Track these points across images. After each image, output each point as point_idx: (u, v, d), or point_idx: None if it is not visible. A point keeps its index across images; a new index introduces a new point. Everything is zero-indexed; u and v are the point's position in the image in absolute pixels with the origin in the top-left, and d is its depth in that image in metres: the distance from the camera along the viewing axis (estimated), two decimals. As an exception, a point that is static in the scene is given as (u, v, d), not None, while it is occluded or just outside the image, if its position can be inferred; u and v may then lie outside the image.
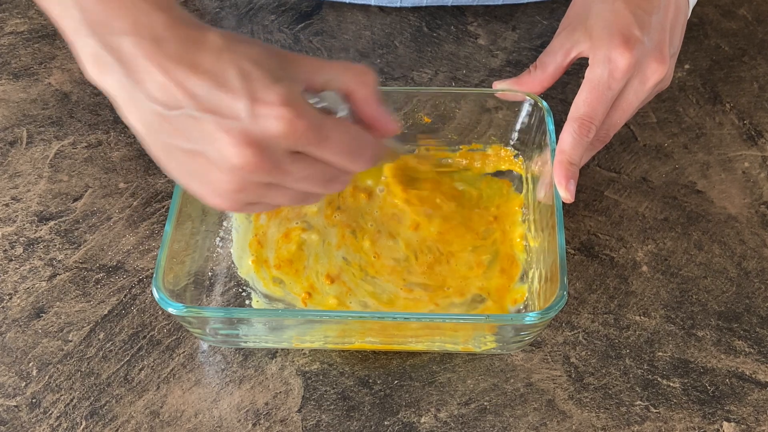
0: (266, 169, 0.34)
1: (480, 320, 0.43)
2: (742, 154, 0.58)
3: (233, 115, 0.32)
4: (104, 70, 0.34)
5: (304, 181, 0.36)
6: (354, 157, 0.36)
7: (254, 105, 0.32)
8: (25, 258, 0.51)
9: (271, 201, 0.37)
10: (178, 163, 0.35)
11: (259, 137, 0.33)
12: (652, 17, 0.47)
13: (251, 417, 0.44)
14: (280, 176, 0.35)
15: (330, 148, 0.35)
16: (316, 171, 0.35)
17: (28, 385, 0.45)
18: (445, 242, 0.50)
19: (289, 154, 0.34)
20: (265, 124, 0.32)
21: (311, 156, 0.35)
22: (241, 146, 0.32)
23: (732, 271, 0.51)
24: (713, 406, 0.45)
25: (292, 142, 0.33)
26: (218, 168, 0.34)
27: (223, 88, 0.32)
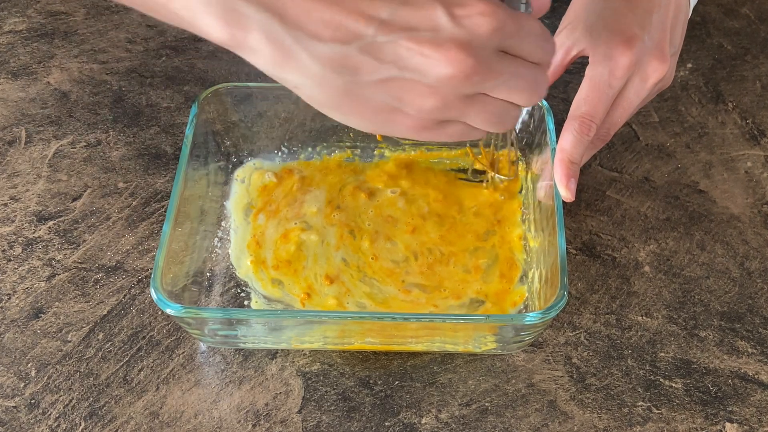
0: (482, 72, 0.32)
1: (480, 320, 0.43)
2: (744, 154, 0.57)
3: (432, 27, 0.31)
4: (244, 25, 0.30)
5: (512, 83, 0.34)
6: (544, 47, 0.34)
7: (452, 9, 0.31)
8: (24, 258, 0.51)
9: (470, 118, 0.34)
10: (363, 101, 0.33)
11: (470, 39, 0.31)
12: (653, 16, 0.47)
13: (251, 418, 0.44)
14: (492, 78, 0.33)
15: (527, 37, 0.33)
16: (521, 68, 0.34)
17: (26, 386, 0.45)
18: (445, 244, 0.50)
19: (496, 54, 0.33)
20: (472, 25, 0.31)
21: (512, 52, 0.33)
22: (454, 52, 0.31)
23: (734, 271, 0.51)
24: (716, 407, 0.45)
25: (497, 38, 0.32)
26: (420, 86, 0.32)
27: (407, 3, 0.30)
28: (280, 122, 0.53)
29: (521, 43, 0.33)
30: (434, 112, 0.33)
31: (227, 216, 0.52)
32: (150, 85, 0.61)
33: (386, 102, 0.33)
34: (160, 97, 0.60)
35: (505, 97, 0.34)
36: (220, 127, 0.52)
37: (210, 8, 0.31)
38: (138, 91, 0.61)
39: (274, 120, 0.53)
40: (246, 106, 0.52)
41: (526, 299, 0.48)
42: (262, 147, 0.54)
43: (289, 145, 0.55)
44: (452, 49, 0.31)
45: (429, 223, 0.51)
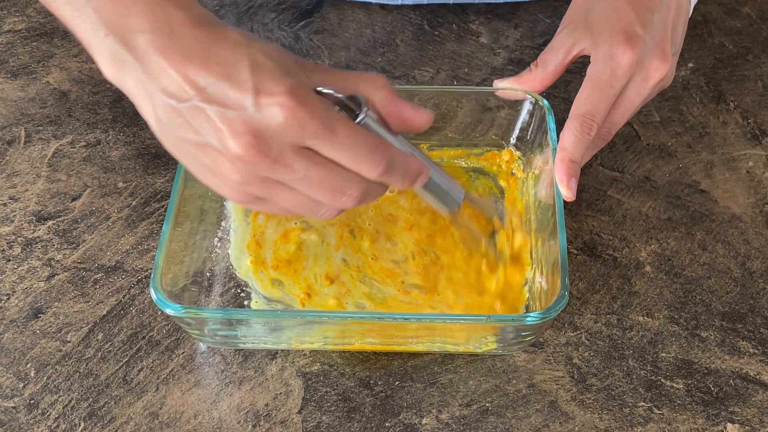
0: (266, 163, 0.33)
1: (481, 321, 0.43)
2: (746, 154, 0.57)
3: (237, 106, 0.32)
4: (122, 68, 0.35)
5: (309, 183, 0.34)
6: (366, 159, 0.34)
7: (258, 95, 0.32)
8: (23, 258, 0.51)
9: (279, 202, 0.36)
10: (192, 157, 0.35)
11: (260, 127, 0.32)
12: (654, 15, 0.47)
13: (251, 418, 0.44)
14: (282, 172, 0.34)
15: (338, 144, 0.33)
16: (322, 172, 0.34)
17: (26, 386, 0.45)
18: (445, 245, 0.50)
19: (293, 149, 0.33)
20: (266, 113, 0.32)
21: (319, 154, 0.34)
22: (241, 136, 0.32)
23: (736, 271, 0.51)
24: (717, 408, 0.45)
25: (294, 133, 0.33)
26: (225, 159, 0.34)
27: (231, 79, 0.32)
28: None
29: (329, 148, 0.33)
30: (241, 185, 0.35)
31: (227, 216, 0.52)
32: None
33: (207, 164, 0.35)
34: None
35: (306, 192, 0.35)
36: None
37: (100, 48, 0.35)
38: (138, 91, 0.61)
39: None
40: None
41: (527, 299, 0.47)
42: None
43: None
44: (240, 133, 0.32)
45: (425, 220, 0.51)
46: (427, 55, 0.63)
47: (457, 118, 0.53)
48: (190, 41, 0.33)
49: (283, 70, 0.33)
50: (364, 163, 0.34)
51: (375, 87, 0.37)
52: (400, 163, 0.36)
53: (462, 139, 0.54)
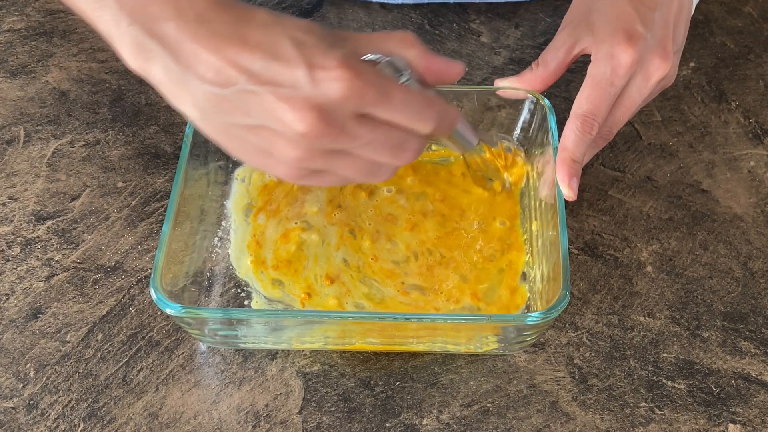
0: (332, 135, 0.33)
1: (482, 321, 0.42)
2: (747, 153, 0.57)
3: (292, 84, 0.32)
4: (149, 58, 0.34)
5: (372, 147, 0.35)
6: (420, 116, 0.35)
7: (312, 70, 0.32)
8: (23, 258, 0.51)
9: (340, 171, 0.36)
10: (241, 141, 0.35)
11: (322, 102, 0.32)
12: (655, 13, 0.47)
13: (251, 419, 0.44)
14: (346, 141, 0.34)
15: (394, 106, 0.34)
16: (382, 134, 0.35)
17: (25, 387, 0.45)
18: (445, 246, 0.50)
19: (354, 118, 0.34)
20: (326, 88, 0.32)
21: (376, 118, 0.34)
22: (305, 112, 0.32)
23: (738, 271, 0.51)
24: (719, 408, 0.45)
25: (354, 103, 0.33)
26: (283, 138, 0.33)
27: (278, 58, 0.32)
28: (280, 121, 0.53)
29: (385, 111, 0.34)
30: (300, 162, 0.35)
31: (227, 216, 0.51)
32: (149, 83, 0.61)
33: (260, 146, 0.35)
34: (159, 95, 0.60)
35: (369, 157, 0.36)
36: (219, 126, 0.52)
37: (124, 39, 0.34)
38: (137, 90, 0.60)
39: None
40: (246, 105, 0.52)
41: (528, 300, 0.47)
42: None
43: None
44: (304, 109, 0.32)
45: (430, 222, 0.51)
46: (428, 55, 0.63)
47: (457, 117, 0.53)
48: (219, 25, 0.32)
49: (326, 42, 0.33)
50: (419, 121, 0.35)
51: (406, 45, 0.37)
52: (445, 115, 0.37)
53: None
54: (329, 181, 0.37)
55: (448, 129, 0.38)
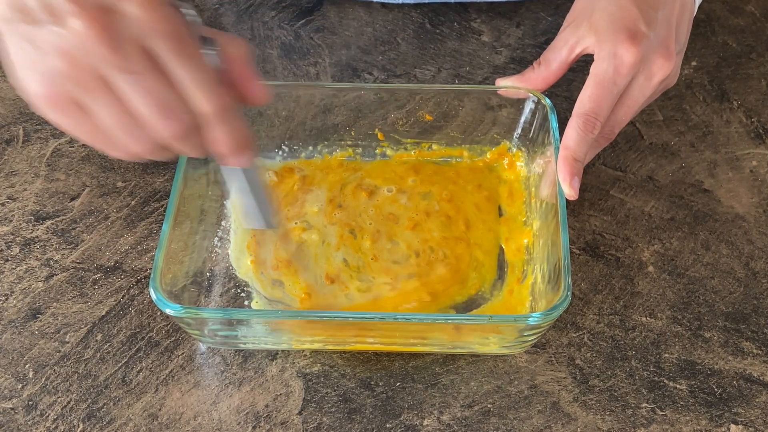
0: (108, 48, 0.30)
1: (483, 321, 0.42)
2: (749, 153, 0.57)
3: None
4: None
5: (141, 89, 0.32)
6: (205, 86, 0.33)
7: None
8: (22, 258, 0.50)
9: (97, 110, 0.33)
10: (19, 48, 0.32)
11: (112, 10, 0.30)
12: (658, 13, 0.46)
13: (251, 419, 0.44)
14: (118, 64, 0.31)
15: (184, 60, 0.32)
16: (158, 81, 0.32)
17: (24, 387, 0.45)
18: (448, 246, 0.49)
19: (139, 46, 0.31)
20: (125, 5, 0.30)
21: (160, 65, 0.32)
22: (88, 12, 0.30)
23: (740, 271, 0.50)
24: (720, 409, 0.44)
25: (145, 30, 0.31)
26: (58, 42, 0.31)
27: None
28: (280, 121, 0.53)
29: (175, 61, 0.32)
30: (62, 78, 0.31)
31: (227, 216, 0.51)
32: None
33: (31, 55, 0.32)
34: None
35: (132, 100, 0.32)
36: (219, 126, 0.52)
37: None
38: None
39: (274, 119, 0.53)
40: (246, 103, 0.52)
41: (529, 300, 0.47)
42: (263, 146, 0.54)
43: (289, 143, 0.54)
44: (90, 10, 0.30)
45: (434, 222, 0.50)
46: (429, 54, 0.63)
47: (458, 117, 0.53)
48: None
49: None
50: (205, 92, 0.33)
51: (233, 44, 0.35)
52: (234, 119, 0.34)
53: (464, 138, 0.54)
54: (81, 127, 0.34)
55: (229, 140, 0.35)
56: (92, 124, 0.34)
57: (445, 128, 0.53)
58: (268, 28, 0.65)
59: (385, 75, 0.61)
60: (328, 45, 0.63)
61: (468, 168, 0.54)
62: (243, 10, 0.66)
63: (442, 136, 0.54)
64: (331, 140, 0.54)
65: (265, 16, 0.65)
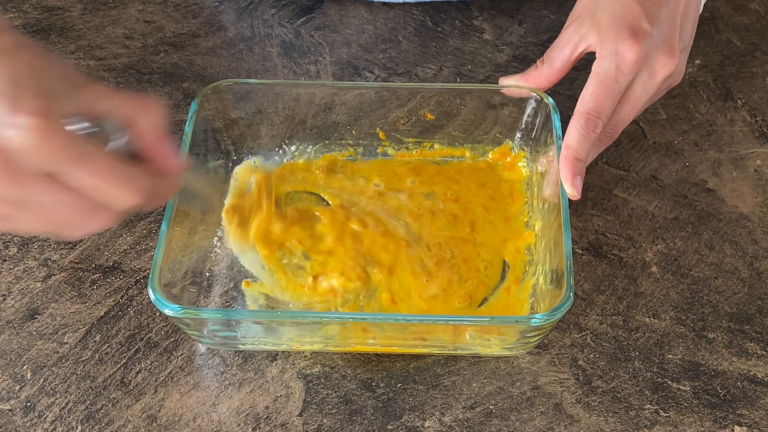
0: (8, 183, 0.31)
1: (484, 322, 0.42)
2: (754, 152, 0.57)
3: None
4: None
5: (57, 208, 0.33)
6: (118, 191, 0.33)
7: (10, 112, 0.30)
8: (20, 258, 0.50)
9: (23, 223, 0.34)
10: None
11: (4, 146, 0.31)
12: (662, 10, 0.46)
13: (251, 421, 0.43)
14: (26, 194, 0.32)
15: (85, 175, 0.32)
16: (69, 198, 0.33)
17: (22, 389, 0.45)
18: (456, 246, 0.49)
19: (38, 173, 0.32)
20: (11, 134, 0.30)
21: (65, 182, 0.33)
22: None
23: (744, 271, 0.50)
24: (724, 410, 0.44)
25: (39, 159, 0.31)
26: None
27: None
28: (280, 120, 0.53)
29: (76, 178, 0.32)
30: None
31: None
32: (148, 81, 0.60)
33: None
34: (158, 94, 0.60)
35: (54, 216, 0.33)
36: (219, 125, 0.51)
37: None
38: (136, 88, 0.60)
39: (274, 117, 0.52)
40: (246, 103, 0.51)
41: (532, 300, 0.47)
42: (263, 145, 0.53)
43: (289, 142, 0.54)
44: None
45: (441, 221, 0.50)
46: (430, 52, 0.62)
47: (460, 115, 0.52)
48: None
49: (42, 89, 0.31)
50: (118, 195, 0.33)
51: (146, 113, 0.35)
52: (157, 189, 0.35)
53: (465, 137, 0.53)
54: (19, 227, 0.35)
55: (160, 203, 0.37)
56: (25, 227, 0.35)
57: (447, 127, 0.53)
58: (268, 25, 0.64)
59: (386, 73, 0.61)
60: (329, 43, 0.63)
61: (470, 168, 0.53)
62: (243, 7, 0.66)
63: (444, 135, 0.54)
64: (331, 139, 0.54)
65: (265, 13, 0.65)
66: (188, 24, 0.64)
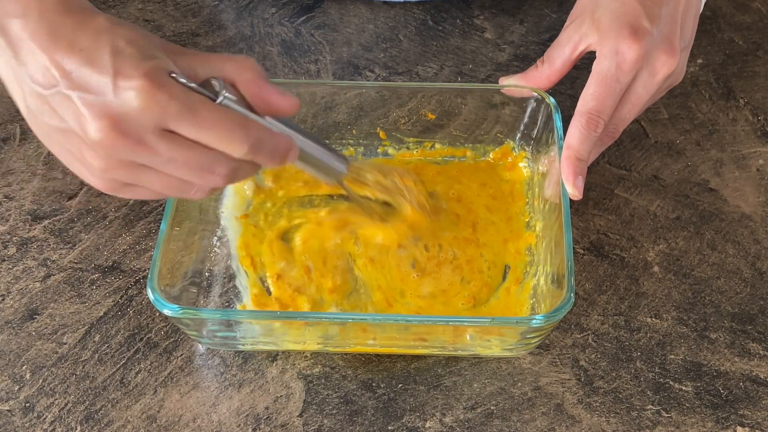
0: (128, 146, 0.33)
1: (485, 323, 0.42)
2: (756, 151, 0.56)
3: (98, 91, 0.33)
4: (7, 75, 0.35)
5: (175, 165, 0.35)
6: (228, 139, 0.34)
7: (116, 79, 0.33)
8: (19, 258, 0.50)
9: (147, 185, 0.36)
10: (58, 144, 0.35)
11: (119, 111, 0.33)
12: (662, 9, 0.46)
13: (251, 422, 0.43)
14: (145, 154, 0.34)
15: (197, 124, 0.34)
16: (186, 152, 0.34)
17: (21, 389, 0.44)
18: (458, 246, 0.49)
19: (154, 132, 0.33)
20: (124, 98, 0.33)
21: (181, 135, 0.34)
22: (100, 121, 0.33)
23: (746, 271, 0.50)
24: (727, 411, 0.44)
25: (153, 116, 0.33)
26: (86, 145, 0.34)
27: (93, 64, 0.33)
28: (280, 119, 0.52)
29: (192, 129, 0.34)
30: (105, 172, 0.35)
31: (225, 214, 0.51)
32: None
33: (72, 152, 0.35)
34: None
35: (173, 174, 0.35)
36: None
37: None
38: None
39: (274, 116, 0.52)
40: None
41: (532, 304, 0.46)
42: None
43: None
44: (99, 117, 0.33)
45: (444, 221, 0.50)
46: (431, 51, 0.62)
47: (461, 115, 0.52)
48: (58, 27, 0.33)
49: (143, 54, 0.33)
50: (229, 142, 0.35)
51: (241, 69, 0.36)
52: (267, 142, 0.36)
53: (466, 137, 0.53)
54: (141, 195, 0.37)
55: (273, 158, 0.37)
56: (148, 193, 0.37)
57: (448, 127, 0.53)
58: (268, 24, 0.64)
59: (387, 72, 0.61)
60: (329, 42, 0.63)
61: (471, 168, 0.53)
62: (243, 6, 0.65)
63: (445, 134, 0.53)
64: (332, 139, 0.54)
65: (265, 12, 0.65)
66: (188, 23, 0.64)
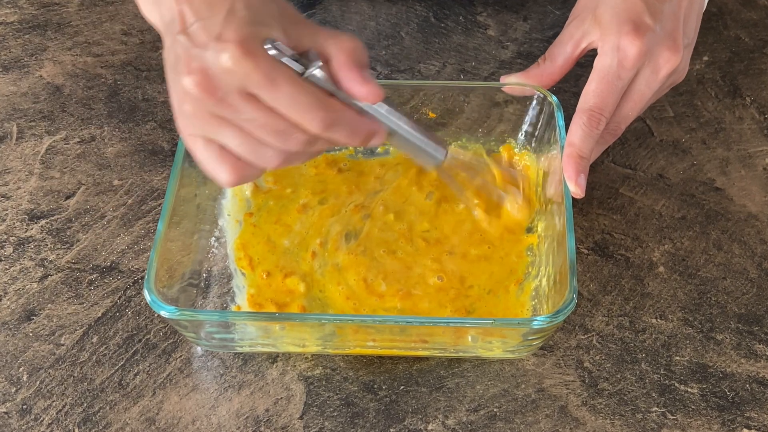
0: (213, 100, 0.36)
1: (487, 324, 0.42)
2: (762, 150, 0.56)
3: (202, 46, 0.36)
4: (150, 8, 0.41)
5: (254, 125, 0.37)
6: (304, 113, 0.36)
7: (217, 40, 0.35)
8: (15, 258, 0.50)
9: (226, 140, 0.37)
10: (173, 83, 0.38)
11: (210, 69, 0.35)
12: (665, 5, 0.46)
13: (251, 424, 0.43)
14: (228, 111, 0.36)
15: (277, 95, 0.36)
16: (265, 116, 0.36)
17: (18, 391, 0.44)
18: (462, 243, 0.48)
19: (239, 92, 0.36)
20: (217, 58, 0.35)
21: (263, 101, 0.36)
22: (193, 72, 0.35)
23: (752, 271, 0.49)
24: (733, 413, 0.44)
25: (237, 80, 0.35)
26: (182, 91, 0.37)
27: (206, 21, 0.36)
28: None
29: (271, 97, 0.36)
30: (190, 118, 0.37)
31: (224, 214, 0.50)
32: (146, 78, 0.60)
33: (176, 92, 0.38)
34: (156, 91, 0.59)
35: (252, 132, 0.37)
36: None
37: None
38: (134, 85, 0.59)
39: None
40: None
41: (533, 305, 0.46)
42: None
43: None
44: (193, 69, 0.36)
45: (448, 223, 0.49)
46: (433, 48, 0.62)
47: (464, 113, 0.52)
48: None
49: (251, 19, 0.36)
50: (303, 117, 0.36)
51: (338, 48, 0.38)
52: (346, 122, 0.38)
53: (468, 136, 0.53)
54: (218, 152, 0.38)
55: (352, 138, 0.38)
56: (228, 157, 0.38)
57: (450, 125, 0.53)
58: (269, 22, 0.64)
59: (389, 70, 0.60)
60: (330, 39, 0.62)
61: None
62: (243, 3, 0.65)
63: (446, 133, 0.53)
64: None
65: (266, 10, 0.64)
66: (187, 20, 0.64)
